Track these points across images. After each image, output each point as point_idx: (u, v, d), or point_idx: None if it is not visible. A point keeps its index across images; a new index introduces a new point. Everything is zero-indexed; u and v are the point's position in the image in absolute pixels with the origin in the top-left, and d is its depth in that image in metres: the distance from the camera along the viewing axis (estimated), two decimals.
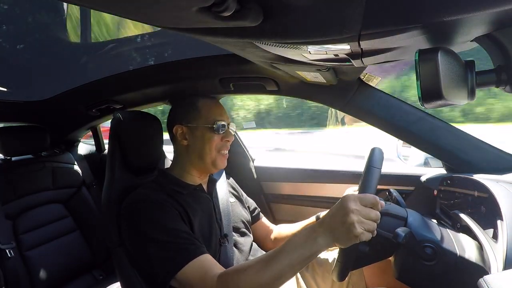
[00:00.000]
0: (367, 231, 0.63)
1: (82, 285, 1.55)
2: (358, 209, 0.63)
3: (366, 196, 0.66)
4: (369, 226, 0.63)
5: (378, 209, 0.65)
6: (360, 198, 0.64)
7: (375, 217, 0.64)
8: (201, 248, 0.80)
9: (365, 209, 0.64)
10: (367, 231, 0.63)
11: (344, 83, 1.11)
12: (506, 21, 0.48)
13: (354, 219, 0.62)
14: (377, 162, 0.74)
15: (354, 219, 0.62)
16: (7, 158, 1.54)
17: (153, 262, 0.79)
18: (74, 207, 1.66)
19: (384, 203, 0.68)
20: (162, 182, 0.94)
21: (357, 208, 0.63)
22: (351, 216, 0.62)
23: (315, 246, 0.66)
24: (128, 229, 0.85)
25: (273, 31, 0.55)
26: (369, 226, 0.63)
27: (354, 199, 0.64)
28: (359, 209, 0.63)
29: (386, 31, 0.51)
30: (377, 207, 0.65)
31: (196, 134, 0.94)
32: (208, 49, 1.09)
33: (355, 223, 0.61)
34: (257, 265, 0.71)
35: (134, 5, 0.46)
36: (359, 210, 0.63)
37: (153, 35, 1.49)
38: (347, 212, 0.62)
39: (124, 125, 1.03)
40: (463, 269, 0.67)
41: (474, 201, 0.86)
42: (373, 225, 0.63)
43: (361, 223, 0.62)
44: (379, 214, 0.65)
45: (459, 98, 0.50)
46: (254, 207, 1.18)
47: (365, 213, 0.63)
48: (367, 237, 0.63)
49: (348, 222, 0.62)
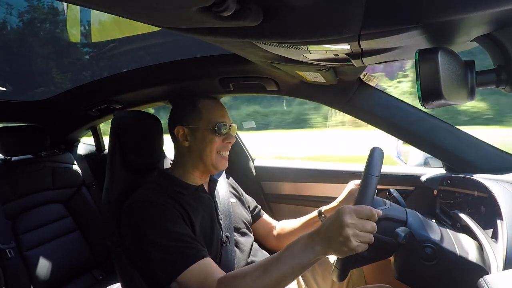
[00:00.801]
0: (363, 243, 0.63)
1: (82, 285, 1.55)
2: (353, 223, 0.63)
3: (362, 208, 0.65)
4: (365, 238, 0.63)
5: (374, 220, 0.65)
6: (356, 211, 0.64)
7: (371, 229, 0.64)
8: (202, 252, 0.80)
9: (361, 221, 0.64)
10: (363, 243, 0.63)
11: (344, 83, 1.11)
12: (506, 21, 0.48)
13: (350, 233, 0.62)
14: (375, 168, 0.73)
15: (349, 233, 0.62)
16: (7, 158, 1.54)
17: (154, 265, 0.79)
18: (74, 207, 1.66)
19: (381, 212, 0.68)
20: (163, 183, 0.94)
21: (353, 221, 0.63)
22: (346, 230, 0.62)
23: (312, 254, 0.67)
24: (128, 231, 0.85)
25: (273, 31, 0.55)
26: (365, 238, 0.63)
27: (349, 213, 0.64)
28: (354, 223, 0.63)
29: (386, 31, 0.51)
30: (373, 219, 0.65)
31: (197, 135, 0.94)
32: (208, 49, 1.09)
33: (350, 237, 0.62)
34: (256, 272, 0.72)
35: (134, 5, 0.46)
36: (355, 224, 0.63)
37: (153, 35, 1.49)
38: (342, 226, 0.63)
39: (124, 125, 1.03)
40: (463, 269, 0.67)
41: (474, 201, 0.86)
42: (369, 236, 0.64)
43: (356, 236, 0.62)
44: (375, 226, 0.65)
45: (459, 98, 0.50)
46: (254, 206, 1.18)
47: (361, 226, 0.63)
48: (363, 248, 0.63)
49: (343, 235, 0.62)
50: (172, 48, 1.39)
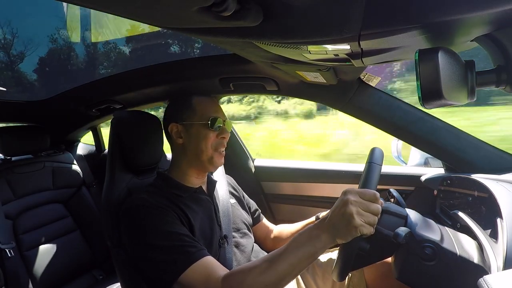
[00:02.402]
0: (367, 223, 0.63)
1: (82, 285, 1.55)
2: (357, 201, 0.63)
3: (366, 190, 0.66)
4: (369, 218, 0.63)
5: (378, 203, 0.65)
6: (360, 192, 0.65)
7: (375, 209, 0.64)
8: (202, 251, 0.80)
9: (365, 201, 0.64)
10: (367, 224, 0.63)
11: (344, 83, 1.11)
12: (506, 21, 0.48)
13: (353, 210, 0.62)
14: (377, 159, 0.74)
15: (353, 210, 0.62)
16: (7, 158, 1.54)
17: (155, 267, 0.78)
18: (74, 207, 1.66)
19: (383, 202, 0.68)
20: (161, 185, 0.94)
21: (356, 200, 0.63)
22: (350, 207, 0.62)
23: (318, 244, 0.66)
24: (128, 235, 0.85)
25: (273, 31, 0.55)
26: (369, 218, 0.63)
27: (353, 192, 0.65)
28: (358, 201, 0.63)
29: (386, 31, 0.51)
30: (377, 202, 0.65)
31: (191, 131, 0.94)
32: (208, 49, 1.09)
33: (354, 214, 0.62)
34: (262, 265, 0.71)
35: (134, 5, 0.46)
36: (358, 202, 0.63)
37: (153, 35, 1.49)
38: (346, 203, 0.63)
39: (124, 125, 1.03)
40: (463, 269, 0.67)
41: (474, 201, 0.86)
42: (373, 218, 0.63)
43: (360, 215, 0.62)
44: (379, 207, 0.65)
45: (459, 98, 0.50)
46: (255, 209, 1.17)
47: (364, 205, 0.63)
48: (367, 230, 0.63)
49: (347, 213, 0.62)
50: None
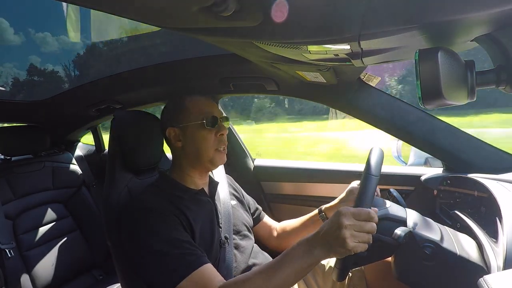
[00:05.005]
0: (361, 242, 0.63)
1: (82, 285, 1.55)
2: (351, 224, 0.63)
3: (360, 211, 0.66)
4: (363, 238, 0.63)
5: (374, 221, 0.65)
6: (354, 213, 0.65)
7: (370, 229, 0.64)
8: (202, 258, 0.80)
9: (359, 223, 0.64)
10: (362, 243, 0.63)
11: (344, 83, 1.11)
12: (506, 21, 0.48)
13: (347, 234, 0.62)
14: (375, 168, 0.73)
15: (346, 234, 0.62)
16: (7, 158, 1.54)
17: (154, 272, 0.78)
18: (74, 207, 1.66)
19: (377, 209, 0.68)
20: (163, 186, 0.94)
21: (350, 223, 0.63)
22: (343, 231, 0.63)
23: (311, 258, 0.67)
24: (128, 238, 0.85)
25: (273, 31, 0.55)
26: (363, 238, 0.63)
27: (348, 215, 0.64)
28: (352, 224, 0.63)
29: (386, 31, 0.51)
30: (373, 221, 0.65)
31: (188, 133, 0.93)
32: (208, 49, 1.09)
33: (347, 239, 0.62)
34: (256, 279, 0.72)
35: (134, 5, 0.46)
36: (352, 225, 0.63)
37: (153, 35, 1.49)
38: (340, 227, 0.63)
39: (124, 125, 1.03)
40: (463, 269, 0.67)
41: (474, 201, 0.86)
42: (368, 237, 0.64)
43: (354, 237, 0.63)
44: (374, 226, 0.65)
45: (459, 98, 0.50)
46: (255, 208, 1.17)
47: (359, 226, 0.64)
48: (362, 248, 0.64)
49: (341, 237, 0.63)
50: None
